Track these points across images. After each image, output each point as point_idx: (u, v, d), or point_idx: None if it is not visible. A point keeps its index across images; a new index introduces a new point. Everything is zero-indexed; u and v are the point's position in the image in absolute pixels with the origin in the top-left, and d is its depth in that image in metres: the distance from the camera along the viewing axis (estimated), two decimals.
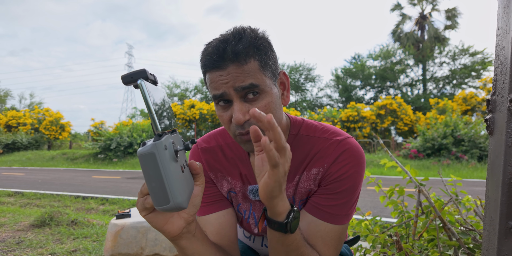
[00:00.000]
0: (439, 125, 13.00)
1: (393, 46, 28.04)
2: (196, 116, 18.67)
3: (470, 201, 1.47)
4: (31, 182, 8.29)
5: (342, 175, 0.86)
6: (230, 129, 0.84)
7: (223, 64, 0.77)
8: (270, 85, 0.82)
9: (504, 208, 0.56)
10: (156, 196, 0.58)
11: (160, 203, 0.58)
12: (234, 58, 0.77)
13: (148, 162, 0.55)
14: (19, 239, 3.24)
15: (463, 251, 1.25)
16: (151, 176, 0.56)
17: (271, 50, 0.84)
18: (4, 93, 40.20)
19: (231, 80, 0.77)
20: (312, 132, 0.93)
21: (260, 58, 0.80)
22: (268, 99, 0.80)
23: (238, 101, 0.79)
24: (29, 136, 20.10)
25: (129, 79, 0.57)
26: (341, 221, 0.86)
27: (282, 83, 0.89)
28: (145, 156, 0.55)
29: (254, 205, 0.99)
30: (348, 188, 0.86)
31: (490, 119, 0.65)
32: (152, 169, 0.56)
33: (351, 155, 0.87)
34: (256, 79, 0.78)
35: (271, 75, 0.83)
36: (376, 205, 4.99)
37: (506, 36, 0.59)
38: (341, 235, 0.88)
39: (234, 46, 0.76)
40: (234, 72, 0.77)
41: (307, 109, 27.43)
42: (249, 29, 0.80)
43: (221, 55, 0.77)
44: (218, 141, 1.02)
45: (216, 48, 0.78)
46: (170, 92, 29.19)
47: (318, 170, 0.89)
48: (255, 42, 0.79)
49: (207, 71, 0.81)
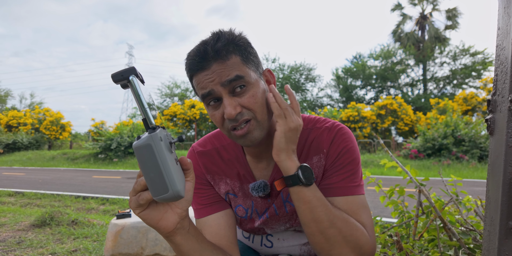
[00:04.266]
0: (440, 125, 13.00)
1: (394, 46, 28.02)
2: (197, 116, 18.69)
3: (470, 201, 1.47)
4: (31, 182, 8.30)
5: (342, 150, 0.91)
6: (223, 127, 0.86)
7: (207, 64, 0.80)
8: (255, 77, 0.85)
9: (504, 208, 0.56)
10: (154, 187, 0.59)
11: (159, 193, 0.59)
12: (216, 56, 0.80)
13: (145, 154, 0.57)
14: (20, 239, 3.24)
15: (463, 251, 1.25)
16: (149, 167, 0.57)
17: (250, 46, 0.87)
18: (4, 93, 40.23)
19: (216, 77, 0.80)
20: (304, 124, 0.97)
21: (240, 53, 0.83)
22: (255, 90, 0.83)
23: (227, 96, 0.81)
24: (29, 136, 20.12)
25: (119, 77, 0.58)
26: (356, 191, 0.89)
27: (268, 81, 0.92)
28: (142, 148, 0.56)
29: (256, 202, 1.00)
30: (352, 161, 0.91)
31: (490, 119, 0.65)
32: (150, 160, 0.57)
33: (344, 133, 0.93)
34: (240, 71, 0.81)
35: (254, 69, 0.86)
36: (377, 205, 4.99)
37: (507, 36, 0.59)
38: (364, 202, 0.90)
39: (214, 45, 0.80)
40: (218, 69, 0.80)
41: (307, 109, 27.42)
42: (226, 30, 0.84)
43: (203, 56, 0.80)
44: (214, 144, 1.03)
45: (198, 51, 0.81)
46: (170, 92, 29.19)
47: (319, 157, 0.93)
48: (233, 39, 0.83)
49: (193, 74, 0.84)
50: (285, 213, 0.99)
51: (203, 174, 1.02)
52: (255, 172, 0.99)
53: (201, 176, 1.02)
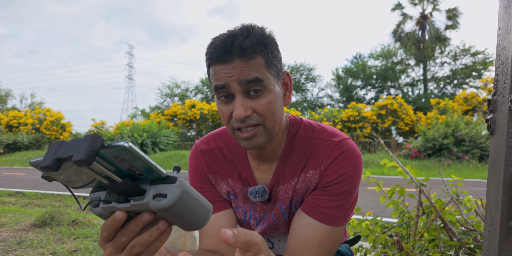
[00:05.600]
0: (440, 125, 12.99)
1: (394, 46, 28.01)
2: (197, 116, 18.69)
3: (471, 201, 1.47)
4: (32, 182, 8.30)
5: (340, 176, 0.85)
6: (229, 124, 0.84)
7: (229, 58, 0.77)
8: (274, 83, 0.82)
9: (505, 208, 0.56)
10: (196, 221, 0.54)
11: (202, 223, 0.56)
12: (241, 53, 0.76)
13: (186, 199, 0.52)
14: (20, 238, 3.24)
15: (464, 251, 1.24)
16: (191, 206, 0.53)
17: (277, 49, 0.84)
18: (5, 93, 40.25)
19: (235, 74, 0.77)
20: (310, 132, 0.93)
21: (266, 55, 0.79)
22: (271, 97, 0.80)
23: (240, 96, 0.79)
24: (30, 136, 20.13)
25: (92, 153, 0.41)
26: (339, 222, 0.86)
27: (285, 84, 0.89)
28: (182, 196, 0.51)
29: (255, 206, 0.99)
30: (346, 190, 0.86)
31: (491, 119, 0.65)
32: (190, 201, 0.53)
33: (349, 157, 0.86)
34: (261, 74, 0.78)
35: (275, 74, 0.82)
36: (377, 205, 4.99)
37: (507, 36, 0.59)
38: (338, 237, 0.88)
39: (242, 41, 0.76)
40: (239, 66, 0.77)
41: (307, 109, 27.42)
42: (257, 27, 0.80)
43: (228, 49, 0.77)
44: (217, 143, 1.01)
45: (224, 42, 0.77)
46: (171, 92, 29.20)
47: (315, 172, 0.89)
48: (262, 39, 0.79)
49: (212, 64, 0.80)
50: (284, 223, 0.98)
51: (205, 173, 1.01)
52: (257, 174, 0.97)
53: (203, 174, 1.01)
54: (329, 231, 0.85)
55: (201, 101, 25.78)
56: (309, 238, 0.84)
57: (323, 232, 0.85)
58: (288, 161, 0.93)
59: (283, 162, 0.93)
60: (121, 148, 0.42)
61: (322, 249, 0.84)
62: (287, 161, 0.93)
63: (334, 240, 0.87)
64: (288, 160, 0.93)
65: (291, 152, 0.92)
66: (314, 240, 0.84)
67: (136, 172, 0.48)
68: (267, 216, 0.99)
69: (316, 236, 0.84)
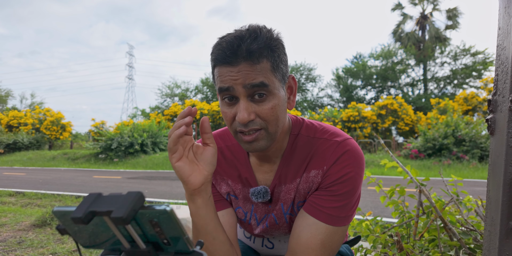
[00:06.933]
0: (440, 125, 12.99)
1: (394, 46, 28.01)
2: (197, 116, 18.67)
3: (471, 201, 1.47)
4: (32, 182, 8.30)
5: (342, 177, 0.85)
6: (231, 126, 0.83)
7: (235, 61, 0.76)
8: (279, 87, 0.81)
9: (505, 208, 0.56)
10: None
11: None
12: (248, 57, 0.75)
13: None
14: (20, 239, 3.25)
15: (464, 251, 1.24)
16: None
17: (283, 53, 0.83)
18: (5, 93, 40.26)
19: (241, 77, 0.76)
20: (312, 132, 0.93)
21: (273, 59, 0.78)
22: (275, 102, 0.79)
23: (245, 100, 0.78)
24: (30, 136, 20.13)
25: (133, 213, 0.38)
26: (341, 222, 0.86)
27: (290, 87, 0.89)
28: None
29: (256, 207, 0.99)
30: (349, 191, 0.85)
31: (491, 119, 0.65)
32: None
33: (351, 157, 0.86)
34: (266, 79, 0.77)
35: (280, 78, 0.82)
36: (377, 205, 4.99)
37: (507, 36, 0.59)
38: (340, 237, 0.88)
39: (249, 45, 0.75)
40: (245, 70, 0.76)
41: (308, 109, 27.41)
42: (265, 29, 0.79)
43: (234, 51, 0.76)
44: (218, 143, 1.01)
45: (231, 44, 0.76)
46: (171, 92, 29.19)
47: (317, 173, 0.88)
48: (270, 42, 0.78)
49: (217, 65, 0.80)
50: (285, 223, 0.98)
51: None
52: (258, 175, 0.97)
53: None
54: (331, 231, 0.85)
55: (201, 101, 25.78)
56: (311, 238, 0.84)
57: (325, 232, 0.85)
58: (290, 161, 0.92)
59: (285, 163, 0.93)
60: (162, 211, 0.39)
61: (324, 249, 0.84)
62: (289, 162, 0.92)
63: (336, 240, 0.87)
64: (290, 160, 0.92)
65: (293, 152, 0.92)
66: (316, 240, 0.84)
67: (164, 240, 0.42)
68: (268, 217, 0.99)
69: (318, 236, 0.84)
